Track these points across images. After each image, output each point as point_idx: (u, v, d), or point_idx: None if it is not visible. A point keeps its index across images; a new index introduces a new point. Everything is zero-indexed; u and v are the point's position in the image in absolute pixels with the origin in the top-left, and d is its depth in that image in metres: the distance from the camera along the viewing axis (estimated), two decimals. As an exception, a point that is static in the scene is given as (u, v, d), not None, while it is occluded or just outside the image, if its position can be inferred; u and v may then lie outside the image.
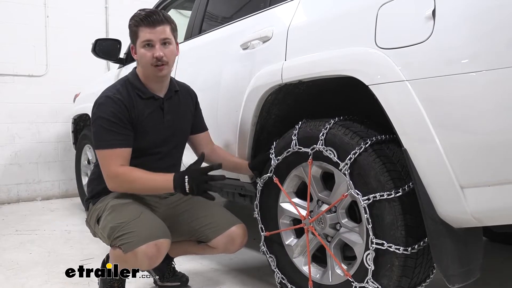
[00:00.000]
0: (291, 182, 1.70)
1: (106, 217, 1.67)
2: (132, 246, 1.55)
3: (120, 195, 1.71)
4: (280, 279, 1.73)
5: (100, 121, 1.65)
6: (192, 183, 1.55)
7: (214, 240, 1.76)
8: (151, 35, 1.66)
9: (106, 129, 1.63)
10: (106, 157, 1.64)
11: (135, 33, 1.70)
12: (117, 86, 1.72)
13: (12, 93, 4.38)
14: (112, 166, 1.62)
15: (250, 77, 1.81)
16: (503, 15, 1.07)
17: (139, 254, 1.55)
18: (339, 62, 1.43)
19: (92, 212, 1.76)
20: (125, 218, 1.62)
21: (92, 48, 3.09)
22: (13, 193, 4.43)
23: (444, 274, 1.25)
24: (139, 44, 1.69)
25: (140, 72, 1.75)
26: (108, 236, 1.64)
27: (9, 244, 2.83)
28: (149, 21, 1.66)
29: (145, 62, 1.68)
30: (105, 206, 1.71)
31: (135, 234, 1.57)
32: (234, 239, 1.76)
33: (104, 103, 1.66)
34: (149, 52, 1.66)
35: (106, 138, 1.64)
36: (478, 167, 1.13)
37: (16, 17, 4.38)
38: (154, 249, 1.55)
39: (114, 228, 1.61)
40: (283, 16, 1.75)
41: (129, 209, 1.66)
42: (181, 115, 1.83)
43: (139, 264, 1.59)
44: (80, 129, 3.95)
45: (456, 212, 1.21)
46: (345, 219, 1.52)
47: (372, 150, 1.39)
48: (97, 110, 1.67)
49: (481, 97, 1.10)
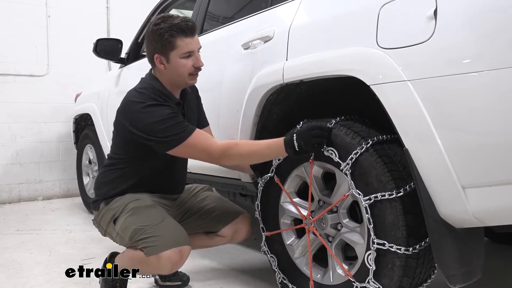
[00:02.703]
0: (292, 182, 1.70)
1: (127, 218, 1.67)
2: (156, 250, 1.57)
3: (137, 197, 1.72)
4: (281, 279, 1.73)
5: (161, 124, 1.57)
6: (299, 141, 1.49)
7: (224, 230, 1.86)
8: (192, 45, 1.65)
9: (174, 123, 1.58)
10: (195, 144, 1.59)
11: (170, 43, 1.62)
12: (149, 95, 1.65)
13: (13, 93, 4.38)
14: (211, 146, 1.59)
15: (252, 77, 1.81)
16: (504, 15, 1.07)
17: (163, 258, 1.57)
18: (341, 62, 1.42)
19: (105, 212, 1.74)
20: (149, 222, 1.63)
21: (93, 48, 3.09)
22: (14, 193, 4.44)
23: (445, 274, 1.25)
24: (176, 54, 1.64)
25: (165, 80, 1.70)
26: (130, 238, 1.64)
27: (10, 243, 2.83)
28: (189, 31, 1.64)
29: (183, 72, 1.66)
30: (123, 207, 1.69)
31: (160, 239, 1.59)
32: (241, 229, 1.87)
33: (153, 111, 1.59)
34: (189, 62, 1.65)
35: (178, 130, 1.58)
36: (479, 167, 1.13)
37: (17, 17, 4.38)
38: (178, 255, 1.59)
39: (138, 230, 1.62)
40: (284, 16, 1.75)
41: (151, 212, 1.68)
42: (192, 114, 1.85)
43: (161, 268, 1.61)
44: (81, 128, 3.96)
45: (458, 212, 1.21)
46: (346, 219, 1.52)
47: (373, 150, 1.39)
48: (148, 116, 1.59)
49: (483, 97, 1.09)
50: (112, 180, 1.75)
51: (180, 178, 1.92)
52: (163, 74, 1.70)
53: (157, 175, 1.78)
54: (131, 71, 3.06)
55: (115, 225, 1.71)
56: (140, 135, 1.61)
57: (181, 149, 1.60)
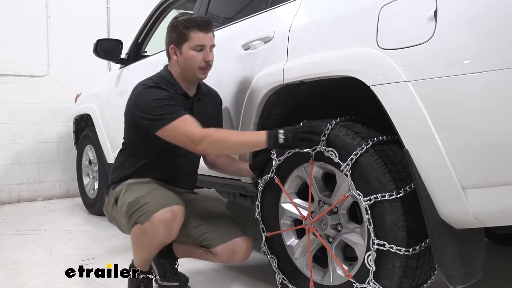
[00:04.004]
0: (293, 182, 1.70)
1: (123, 196, 1.74)
2: (148, 215, 1.62)
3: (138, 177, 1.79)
4: (281, 279, 1.73)
5: (156, 103, 1.64)
6: (287, 134, 1.52)
7: (218, 248, 1.78)
8: (204, 40, 1.73)
9: (166, 105, 1.64)
10: (179, 126, 1.62)
11: (184, 35, 1.73)
12: (155, 80, 1.74)
13: (13, 93, 4.38)
14: (192, 131, 1.61)
15: (252, 78, 1.81)
16: (505, 16, 1.06)
17: (155, 221, 1.60)
18: (341, 62, 1.43)
19: (111, 195, 1.82)
20: (141, 193, 1.69)
21: (93, 48, 3.09)
22: (14, 193, 4.44)
23: (445, 275, 1.25)
24: (188, 46, 1.73)
25: (176, 72, 1.80)
26: (126, 213, 1.70)
27: (11, 244, 2.83)
28: (204, 26, 1.73)
29: (193, 64, 1.74)
30: (122, 187, 1.78)
31: (150, 204, 1.64)
32: (237, 251, 1.78)
33: (153, 90, 1.68)
34: (200, 55, 1.73)
35: (169, 111, 1.63)
36: (479, 168, 1.13)
37: (17, 17, 4.39)
38: (169, 214, 1.61)
39: (131, 203, 1.68)
40: (284, 17, 1.75)
41: (144, 186, 1.74)
42: (206, 118, 1.84)
43: (156, 233, 1.63)
44: (81, 129, 3.96)
45: (458, 213, 1.21)
46: (346, 220, 1.52)
47: (373, 151, 1.39)
48: (148, 97, 1.67)
49: (483, 98, 1.09)
50: (121, 164, 1.85)
51: (186, 172, 1.94)
52: (176, 66, 1.80)
53: (159, 161, 1.84)
54: (131, 72, 3.06)
55: (116, 206, 1.76)
56: (139, 115, 1.69)
57: (167, 131, 1.64)
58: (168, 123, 1.62)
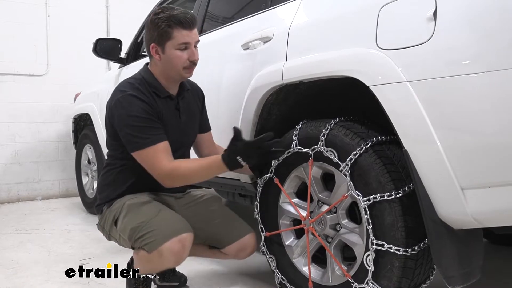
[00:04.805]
0: (292, 182, 1.70)
1: (123, 219, 1.65)
2: (155, 245, 1.54)
3: (135, 195, 1.70)
4: (280, 279, 1.73)
5: (132, 120, 1.58)
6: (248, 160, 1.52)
7: (227, 248, 1.79)
8: (189, 38, 1.62)
9: (141, 126, 1.58)
10: (149, 156, 1.58)
11: (167, 34, 1.61)
12: (135, 85, 1.65)
13: (12, 92, 4.38)
14: (160, 165, 1.58)
15: (251, 78, 1.81)
16: (504, 17, 1.07)
17: (164, 251, 1.53)
18: (340, 62, 1.43)
19: (108, 214, 1.72)
20: (144, 218, 1.60)
21: (93, 47, 3.09)
22: (13, 192, 4.44)
23: (444, 276, 1.25)
24: (172, 45, 1.62)
25: (158, 71, 1.69)
26: (129, 238, 1.62)
27: (9, 243, 2.83)
28: (188, 23, 1.61)
29: (177, 64, 1.64)
30: (121, 206, 1.68)
31: (157, 232, 1.55)
32: (246, 248, 1.80)
33: (131, 102, 1.60)
34: (184, 54, 1.63)
35: (143, 136, 1.58)
36: (478, 168, 1.13)
37: (17, 16, 4.38)
38: (178, 244, 1.54)
39: (134, 229, 1.60)
40: (284, 17, 1.75)
41: (146, 207, 1.64)
42: (192, 115, 1.82)
43: (165, 263, 1.58)
44: (81, 128, 3.96)
45: (457, 213, 1.21)
46: (345, 220, 1.52)
47: (372, 151, 1.39)
48: (124, 110, 1.60)
49: (482, 98, 1.10)
50: (112, 181, 1.75)
51: None
52: (157, 65, 1.69)
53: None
54: (131, 71, 3.04)
55: (116, 227, 1.69)
56: (114, 127, 1.64)
57: (137, 156, 1.61)
58: (139, 149, 1.58)
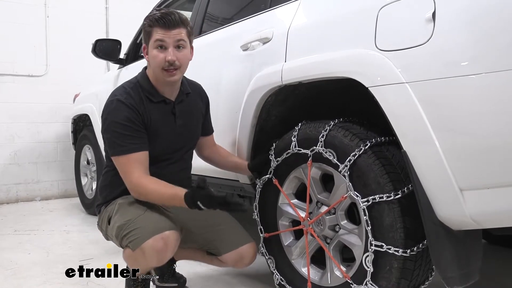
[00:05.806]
0: (291, 183, 1.70)
1: (114, 217, 1.66)
2: (138, 242, 1.53)
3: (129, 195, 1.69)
4: (279, 280, 1.73)
5: (113, 126, 1.59)
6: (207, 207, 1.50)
7: (225, 256, 1.74)
8: (164, 37, 1.58)
9: (121, 134, 1.58)
10: (123, 164, 1.60)
11: (148, 33, 1.61)
12: (127, 89, 1.65)
13: (11, 93, 4.38)
14: (131, 175, 1.58)
15: (250, 78, 1.81)
16: (503, 18, 1.07)
17: (146, 249, 1.51)
18: (339, 64, 1.43)
19: (104, 214, 1.73)
20: (130, 216, 1.60)
21: (92, 48, 3.09)
22: (12, 193, 4.43)
23: (443, 277, 1.25)
24: (151, 44, 1.61)
25: (151, 74, 1.68)
26: (116, 236, 1.62)
27: (8, 244, 2.83)
28: (164, 22, 1.57)
29: (156, 64, 1.61)
30: (115, 206, 1.69)
31: (140, 230, 1.54)
32: (243, 258, 1.74)
33: (117, 108, 1.60)
34: (161, 54, 1.59)
35: (121, 143, 1.58)
36: (477, 169, 1.13)
37: (16, 17, 4.38)
38: (161, 242, 1.52)
39: (121, 227, 1.60)
40: (283, 18, 1.75)
41: (133, 207, 1.64)
42: (192, 118, 1.79)
43: (148, 261, 1.55)
44: (80, 129, 3.95)
45: (455, 215, 1.21)
46: (344, 221, 1.52)
47: (371, 152, 1.39)
48: (109, 115, 1.61)
49: (481, 99, 1.10)
50: (110, 182, 1.74)
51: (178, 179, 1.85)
52: (149, 67, 1.69)
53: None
54: (130, 72, 3.05)
55: (109, 225, 1.69)
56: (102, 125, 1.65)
57: (114, 161, 1.63)
58: (115, 155, 1.60)
